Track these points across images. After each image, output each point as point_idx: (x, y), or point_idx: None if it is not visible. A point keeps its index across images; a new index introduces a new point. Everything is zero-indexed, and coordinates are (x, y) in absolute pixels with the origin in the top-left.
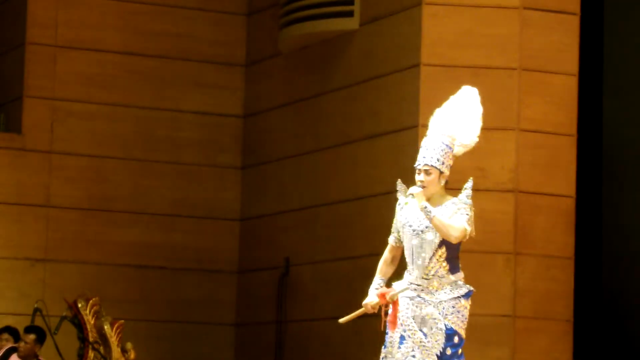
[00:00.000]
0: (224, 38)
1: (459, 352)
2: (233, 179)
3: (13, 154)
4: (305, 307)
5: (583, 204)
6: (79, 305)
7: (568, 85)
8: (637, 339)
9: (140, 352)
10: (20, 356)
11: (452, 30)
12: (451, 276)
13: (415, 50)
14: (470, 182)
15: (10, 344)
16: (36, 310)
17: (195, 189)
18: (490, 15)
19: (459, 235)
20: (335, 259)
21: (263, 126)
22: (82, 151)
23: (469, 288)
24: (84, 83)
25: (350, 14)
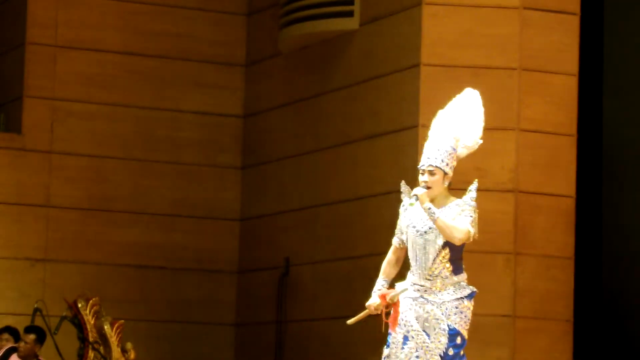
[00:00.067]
0: (224, 38)
1: (461, 353)
2: (233, 179)
3: (13, 154)
4: (305, 307)
5: (583, 204)
6: (79, 305)
7: (568, 85)
8: (637, 339)
9: (140, 352)
10: (20, 356)
11: (452, 30)
12: (454, 277)
13: (415, 50)
14: (475, 184)
15: (11, 344)
16: (36, 310)
17: (195, 189)
18: (490, 15)
19: (463, 237)
20: (335, 259)
21: (263, 126)
22: (82, 151)
23: (472, 289)
24: (84, 83)
25: (350, 14)
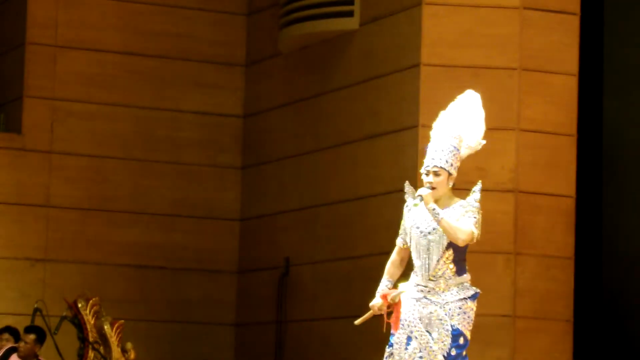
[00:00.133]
0: (224, 38)
1: (464, 354)
2: (233, 179)
3: (13, 154)
4: (305, 307)
5: (583, 204)
6: (79, 305)
7: (568, 85)
8: (637, 339)
9: (140, 352)
10: (20, 356)
11: (452, 30)
12: (458, 278)
13: (415, 50)
14: (479, 185)
15: (11, 344)
16: (36, 310)
17: (195, 189)
18: (490, 15)
19: (467, 239)
20: (335, 259)
21: (263, 126)
22: (82, 151)
23: (475, 290)
24: (84, 83)
25: (350, 14)
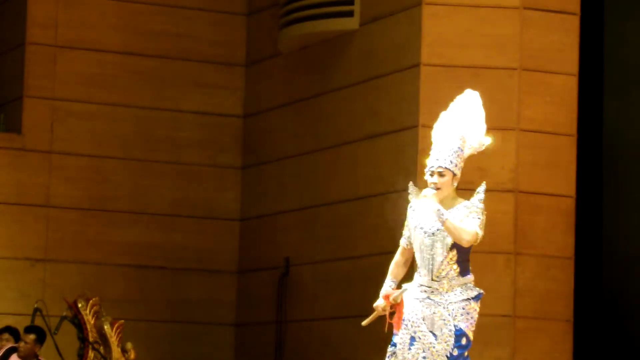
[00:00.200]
0: (224, 38)
1: (465, 354)
2: (233, 179)
3: (13, 154)
4: (305, 307)
5: (583, 204)
6: (79, 305)
7: (568, 85)
8: (637, 339)
9: (140, 352)
10: (20, 356)
11: (452, 30)
12: (461, 278)
13: (415, 50)
14: (483, 186)
15: (11, 344)
16: (36, 310)
17: (195, 189)
18: (490, 15)
19: (471, 239)
20: (335, 259)
21: (263, 126)
22: (82, 151)
23: (479, 291)
24: (84, 83)
25: (350, 14)
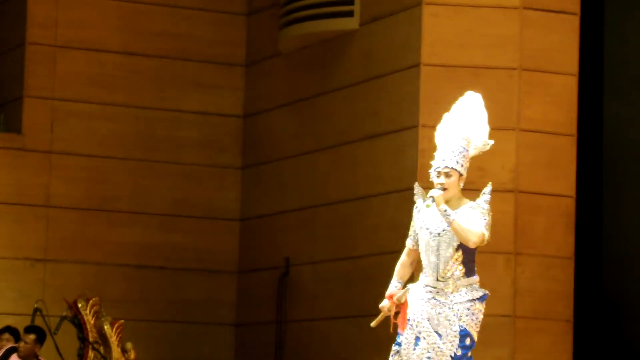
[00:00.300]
0: (224, 38)
1: (469, 355)
2: (233, 179)
3: (13, 154)
4: (305, 307)
5: (583, 204)
6: (79, 305)
7: (568, 85)
8: (637, 339)
9: (140, 352)
10: (20, 356)
11: (452, 30)
12: (467, 279)
13: (415, 50)
14: (489, 187)
15: (11, 344)
16: (36, 310)
17: (195, 189)
18: (490, 15)
19: (477, 240)
20: (335, 259)
21: (263, 126)
22: (82, 151)
23: (484, 292)
24: (84, 83)
25: (350, 14)
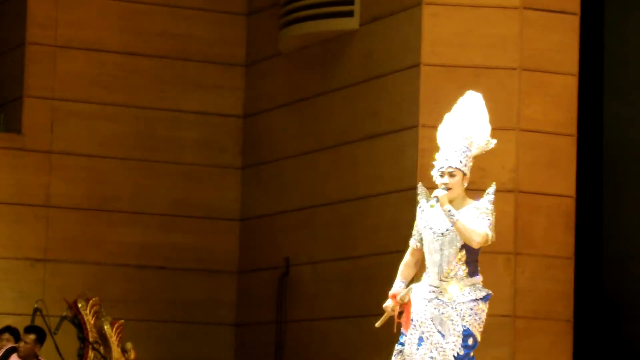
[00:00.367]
0: (224, 38)
1: (471, 354)
2: (233, 179)
3: (13, 154)
4: (305, 307)
5: (583, 204)
6: (79, 305)
7: (568, 85)
8: (637, 339)
9: (140, 352)
10: (20, 356)
11: (452, 30)
12: (470, 279)
13: (415, 50)
14: (493, 188)
15: (11, 344)
16: (36, 310)
17: (195, 189)
18: (490, 15)
19: (481, 241)
20: (335, 259)
21: (263, 126)
22: (82, 151)
23: (487, 292)
24: (84, 83)
25: (350, 14)
